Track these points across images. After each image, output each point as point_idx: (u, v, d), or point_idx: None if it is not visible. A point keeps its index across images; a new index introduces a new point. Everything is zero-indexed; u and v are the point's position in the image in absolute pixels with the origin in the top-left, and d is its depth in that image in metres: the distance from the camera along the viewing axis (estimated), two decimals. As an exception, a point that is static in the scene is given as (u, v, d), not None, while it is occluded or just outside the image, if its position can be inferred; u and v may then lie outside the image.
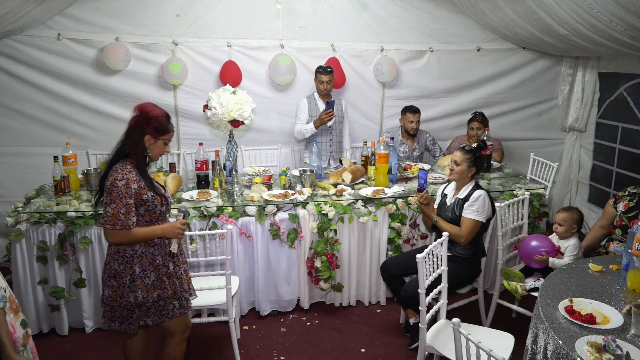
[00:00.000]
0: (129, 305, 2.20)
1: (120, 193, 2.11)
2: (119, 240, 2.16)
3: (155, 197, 2.21)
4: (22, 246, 3.02)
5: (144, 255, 2.22)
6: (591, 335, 1.86)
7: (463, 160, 2.91)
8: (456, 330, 1.88)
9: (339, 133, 4.41)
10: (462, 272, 2.94)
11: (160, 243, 2.27)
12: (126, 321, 2.25)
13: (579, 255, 2.90)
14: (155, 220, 2.25)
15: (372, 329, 3.31)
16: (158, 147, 2.24)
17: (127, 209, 2.11)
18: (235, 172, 3.60)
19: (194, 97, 4.42)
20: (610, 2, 2.97)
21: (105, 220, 2.11)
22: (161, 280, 2.24)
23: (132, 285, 2.18)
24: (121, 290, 2.19)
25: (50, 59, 4.13)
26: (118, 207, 2.10)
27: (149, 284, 2.21)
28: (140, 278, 2.20)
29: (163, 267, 2.26)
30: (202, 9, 4.31)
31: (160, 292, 2.23)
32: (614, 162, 4.49)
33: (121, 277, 2.19)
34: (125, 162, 2.18)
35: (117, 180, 2.11)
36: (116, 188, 2.11)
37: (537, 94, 4.98)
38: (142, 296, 2.19)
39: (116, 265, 2.20)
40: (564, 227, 2.93)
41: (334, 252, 3.34)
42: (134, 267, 2.19)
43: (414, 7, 4.58)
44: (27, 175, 4.23)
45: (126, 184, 2.12)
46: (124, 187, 2.11)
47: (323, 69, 4.16)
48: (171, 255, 2.30)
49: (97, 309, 3.23)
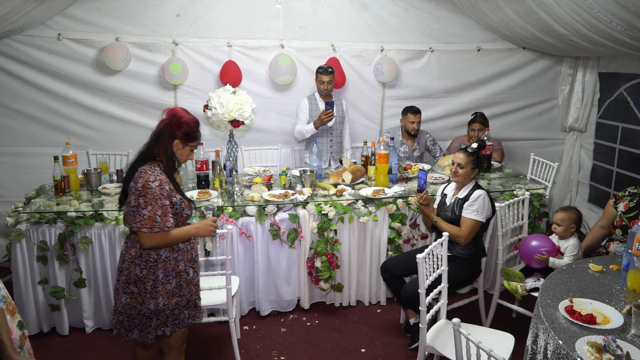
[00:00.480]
0: (148, 313, 2.13)
1: (155, 194, 2.06)
2: (155, 244, 2.10)
3: (182, 200, 2.18)
4: (22, 246, 3.02)
5: (167, 260, 2.16)
6: (591, 336, 1.86)
7: (467, 163, 2.91)
8: (456, 330, 1.88)
9: (340, 134, 4.41)
10: (462, 272, 2.94)
11: (184, 248, 2.23)
12: (144, 330, 2.16)
13: (578, 255, 2.90)
14: (180, 224, 2.21)
15: (372, 329, 3.31)
16: (185, 153, 2.21)
17: (163, 210, 2.07)
18: (235, 172, 3.60)
19: (194, 97, 4.42)
20: (610, 2, 2.97)
21: (141, 224, 2.04)
22: (181, 287, 2.19)
23: (154, 291, 2.12)
24: (142, 297, 2.12)
25: (50, 59, 4.13)
26: (154, 209, 2.05)
27: (170, 290, 2.16)
28: (162, 284, 2.14)
29: (184, 274, 2.21)
30: (202, 9, 4.31)
31: (178, 299, 2.18)
32: (614, 162, 4.49)
33: (143, 282, 2.12)
34: (154, 164, 2.14)
35: (151, 182, 2.06)
36: (150, 190, 2.05)
37: (537, 94, 4.98)
38: (163, 303, 2.13)
39: (138, 271, 2.13)
40: (563, 227, 2.93)
41: (334, 252, 3.34)
42: (158, 272, 2.14)
43: (414, 7, 4.58)
44: (27, 175, 4.23)
45: (160, 185, 2.07)
46: (159, 189, 2.07)
47: (324, 69, 4.16)
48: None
49: (97, 309, 3.23)
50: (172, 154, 2.17)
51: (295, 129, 4.32)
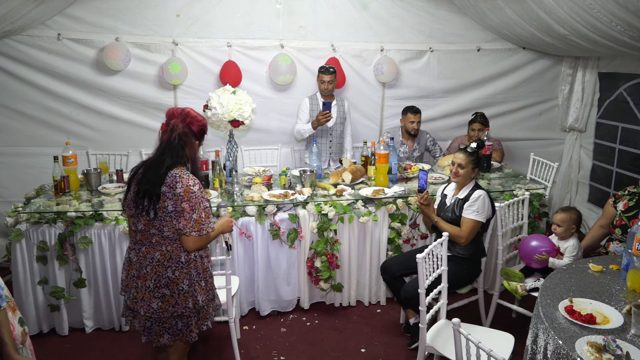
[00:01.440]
0: (187, 312, 2.16)
1: (198, 198, 2.09)
2: (200, 245, 2.15)
3: (209, 201, 2.23)
4: (22, 246, 3.02)
5: (197, 259, 2.20)
6: (591, 335, 1.86)
7: (468, 163, 2.91)
8: (456, 330, 1.88)
9: (340, 134, 4.40)
10: (462, 272, 2.94)
11: (209, 246, 2.28)
12: (184, 330, 2.19)
13: (578, 255, 2.90)
14: None
15: (372, 329, 3.31)
16: (195, 150, 2.24)
17: (206, 212, 2.13)
18: (235, 172, 3.61)
19: (194, 97, 4.42)
20: (610, 2, 2.97)
21: (191, 228, 2.07)
22: (207, 283, 2.25)
23: (191, 290, 2.15)
24: (174, 299, 2.12)
25: (50, 59, 4.13)
26: (199, 212, 2.09)
27: (204, 287, 2.21)
28: (197, 282, 2.17)
29: (208, 270, 2.27)
30: (202, 9, 4.31)
31: (207, 295, 2.24)
32: (614, 162, 4.49)
33: (176, 284, 2.13)
34: (182, 168, 2.15)
35: (192, 186, 2.08)
36: (194, 194, 2.08)
37: (537, 94, 4.98)
38: (202, 299, 2.18)
39: (169, 273, 2.13)
40: (563, 228, 2.93)
41: (334, 252, 3.34)
42: (191, 272, 2.16)
43: (414, 7, 4.58)
44: (27, 175, 4.23)
45: (200, 188, 2.12)
46: (200, 192, 2.11)
47: (325, 68, 4.16)
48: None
49: (97, 309, 3.23)
50: (198, 156, 2.23)
51: (295, 128, 4.32)
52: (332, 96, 4.31)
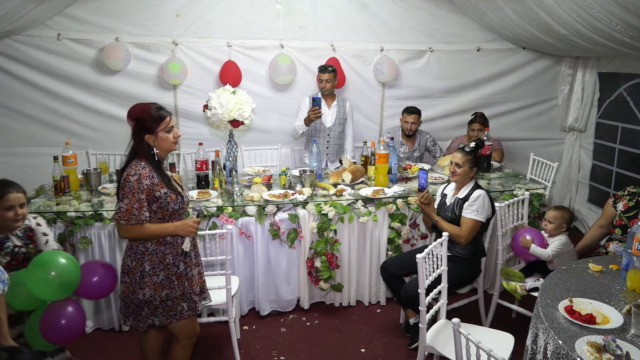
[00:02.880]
0: (138, 302, 2.21)
1: (133, 188, 2.11)
2: (131, 235, 2.17)
3: (168, 194, 2.20)
4: (22, 246, 3.02)
5: (154, 253, 2.22)
6: (591, 335, 1.86)
7: (465, 162, 2.91)
8: (456, 330, 1.88)
9: (338, 135, 4.38)
10: (462, 272, 2.94)
11: (172, 242, 2.26)
12: (136, 318, 2.25)
13: (564, 251, 2.92)
14: (168, 219, 2.24)
15: (372, 329, 3.31)
16: (163, 140, 2.20)
17: (139, 204, 2.12)
18: (235, 172, 3.60)
19: (194, 97, 4.42)
20: (610, 2, 2.97)
21: (119, 215, 2.12)
22: (170, 280, 2.24)
23: (142, 282, 2.20)
24: (132, 287, 2.21)
25: (50, 59, 4.14)
26: (131, 202, 2.11)
27: (157, 282, 2.21)
28: (149, 275, 2.20)
29: (173, 267, 2.25)
30: (202, 9, 4.31)
31: (168, 291, 2.23)
32: (614, 162, 4.49)
33: (133, 273, 2.21)
34: (140, 159, 2.19)
35: (130, 176, 2.12)
36: (128, 183, 2.12)
37: (537, 94, 4.98)
38: (150, 294, 2.20)
39: (129, 262, 2.22)
40: (554, 225, 2.95)
41: (334, 252, 3.34)
42: (144, 264, 2.20)
43: (414, 7, 4.58)
44: (27, 175, 4.19)
45: (138, 179, 2.12)
46: (136, 182, 2.11)
47: (324, 67, 4.17)
48: (183, 254, 2.28)
49: (97, 309, 3.23)
50: (150, 149, 2.19)
51: (292, 126, 4.32)
52: (334, 96, 4.30)
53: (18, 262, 2.33)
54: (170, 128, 2.22)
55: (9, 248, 2.33)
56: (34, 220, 2.48)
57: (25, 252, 2.37)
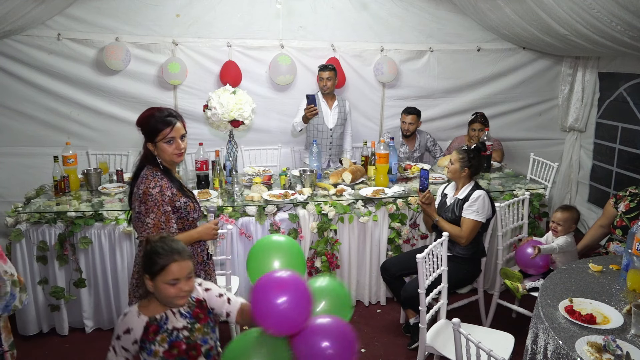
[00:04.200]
0: None
1: (157, 201, 2.00)
2: None
3: (187, 203, 2.12)
4: (22, 246, 3.02)
5: None
6: (591, 335, 1.86)
7: (456, 160, 2.93)
8: (456, 330, 1.88)
9: (340, 136, 4.38)
10: (462, 272, 2.94)
11: (193, 252, 2.18)
12: None
13: (568, 250, 2.92)
14: (187, 228, 2.15)
15: (372, 329, 3.31)
16: (162, 151, 2.07)
17: (166, 216, 2.02)
18: (235, 172, 3.60)
19: (194, 97, 4.42)
20: (610, 2, 2.97)
21: (147, 232, 1.98)
22: None
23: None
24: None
25: (50, 59, 4.13)
26: (157, 216, 2.00)
27: None
28: None
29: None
30: (202, 9, 4.31)
31: None
32: (614, 162, 4.49)
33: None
34: (154, 169, 2.08)
35: (151, 189, 2.01)
36: (151, 197, 2.00)
37: (537, 94, 4.98)
38: None
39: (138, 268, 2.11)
40: (564, 227, 2.94)
41: (334, 252, 3.34)
42: None
43: (414, 7, 4.58)
44: (27, 175, 4.23)
45: (160, 191, 2.02)
46: (159, 195, 2.01)
47: (324, 66, 4.17)
48: (209, 257, 2.21)
49: (97, 309, 3.23)
50: (153, 158, 2.09)
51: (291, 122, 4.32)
52: (334, 96, 4.30)
53: (180, 353, 1.70)
54: (171, 139, 2.06)
55: (166, 331, 1.71)
56: (200, 288, 1.82)
57: (189, 337, 1.72)
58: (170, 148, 2.06)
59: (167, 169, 2.13)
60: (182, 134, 2.10)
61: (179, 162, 2.16)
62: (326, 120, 4.26)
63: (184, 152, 2.12)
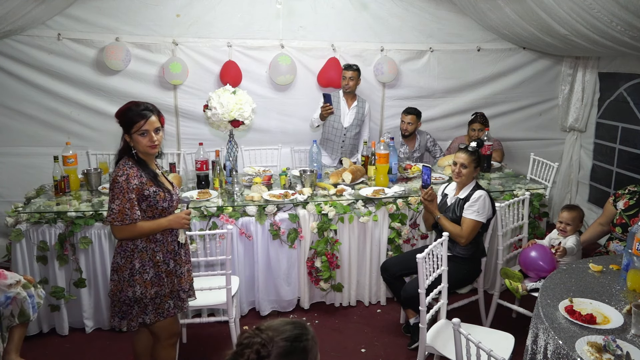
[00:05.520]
0: (128, 300, 2.21)
1: (122, 188, 2.12)
2: (125, 235, 2.17)
3: (157, 192, 2.20)
4: (22, 246, 3.02)
5: (144, 250, 2.22)
6: (591, 336, 1.86)
7: (470, 162, 2.91)
8: (456, 330, 1.88)
9: (354, 135, 4.38)
10: (462, 272, 2.94)
11: (162, 239, 2.27)
12: (127, 317, 2.25)
13: (579, 247, 2.93)
14: (157, 216, 2.24)
15: (372, 329, 3.31)
16: (137, 142, 2.18)
17: (130, 203, 2.13)
18: (235, 172, 3.60)
19: (194, 97, 4.42)
20: (611, 2, 2.97)
21: (112, 217, 2.12)
22: (160, 277, 2.24)
23: (131, 280, 2.19)
24: (121, 285, 2.20)
25: (51, 59, 4.13)
26: (122, 202, 2.11)
27: (147, 279, 2.21)
28: (139, 273, 2.20)
29: (163, 264, 2.26)
30: (202, 9, 4.31)
31: (157, 289, 2.23)
32: (614, 162, 4.49)
33: (122, 271, 2.20)
34: (128, 159, 2.20)
35: (118, 177, 2.13)
36: (117, 184, 2.12)
37: (537, 94, 4.98)
38: (140, 291, 2.19)
39: (119, 259, 2.21)
40: (572, 227, 2.95)
41: (334, 252, 3.34)
42: (134, 262, 2.20)
43: (414, 7, 4.58)
44: (27, 175, 4.23)
45: (126, 179, 2.12)
46: (125, 182, 2.12)
47: (348, 65, 4.23)
48: (179, 245, 2.30)
49: (97, 309, 3.23)
50: (128, 149, 2.20)
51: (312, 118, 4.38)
52: (354, 96, 4.31)
53: None
54: (144, 132, 2.16)
55: None
56: None
57: None
58: (144, 140, 2.17)
59: (142, 160, 2.23)
60: (157, 127, 2.20)
61: (153, 154, 2.25)
62: (342, 119, 4.28)
63: (157, 144, 2.21)
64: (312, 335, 1.40)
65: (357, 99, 4.32)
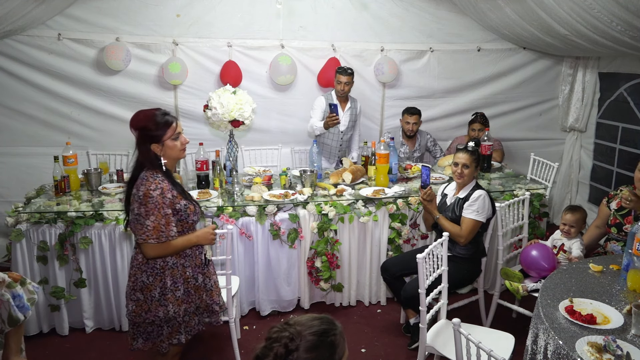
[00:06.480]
0: (158, 321, 2.10)
1: (158, 203, 1.99)
2: (159, 254, 2.04)
3: (187, 205, 2.11)
4: (22, 246, 3.03)
5: (175, 267, 2.12)
6: (591, 336, 1.86)
7: (472, 162, 2.92)
8: (456, 330, 1.88)
9: (350, 137, 4.39)
10: (462, 272, 2.94)
11: (191, 254, 2.17)
12: (154, 338, 2.14)
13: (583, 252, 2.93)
14: (186, 231, 2.15)
15: (372, 329, 3.31)
16: (170, 148, 2.08)
17: (166, 219, 2.01)
18: (235, 172, 3.60)
19: (194, 97, 4.42)
20: (611, 2, 2.97)
21: (147, 235, 1.98)
22: (189, 294, 2.16)
23: (163, 299, 2.08)
24: (147, 305, 2.08)
25: (51, 59, 4.13)
26: (157, 218, 1.99)
27: (179, 297, 2.12)
28: (172, 291, 2.10)
29: (192, 280, 2.17)
30: (202, 9, 4.31)
31: (186, 306, 2.15)
32: (614, 162, 4.49)
33: (149, 290, 2.08)
34: (155, 171, 2.06)
35: (152, 191, 1.99)
36: (152, 199, 1.98)
37: (538, 94, 4.98)
38: (173, 310, 2.09)
39: (144, 278, 2.08)
40: (575, 228, 2.96)
41: (334, 252, 3.34)
42: (165, 280, 2.08)
43: (414, 7, 4.57)
44: (27, 175, 4.23)
45: (161, 193, 2.01)
46: (160, 197, 1.99)
47: (343, 69, 4.11)
48: (206, 262, 2.20)
49: (98, 309, 3.23)
50: (157, 159, 2.08)
51: (309, 123, 4.30)
52: (347, 98, 4.27)
53: None
54: (178, 135, 2.09)
55: None
56: None
57: None
58: (177, 144, 2.11)
59: (168, 171, 2.12)
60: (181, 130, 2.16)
61: (183, 158, 2.19)
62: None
63: None
64: (339, 330, 1.39)
65: (349, 100, 4.30)
